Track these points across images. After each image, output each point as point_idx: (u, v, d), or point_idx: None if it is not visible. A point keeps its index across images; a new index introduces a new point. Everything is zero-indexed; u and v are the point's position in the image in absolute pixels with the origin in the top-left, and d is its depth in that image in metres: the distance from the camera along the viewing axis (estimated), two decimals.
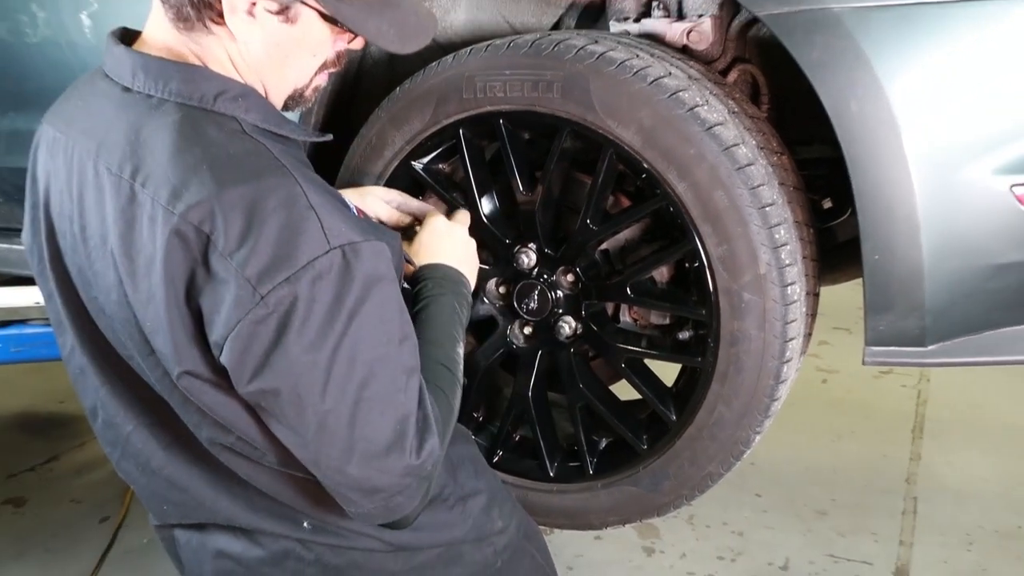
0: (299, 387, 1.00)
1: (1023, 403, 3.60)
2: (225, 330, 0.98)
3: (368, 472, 1.05)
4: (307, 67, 1.16)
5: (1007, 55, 1.30)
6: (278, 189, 1.00)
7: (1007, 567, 2.56)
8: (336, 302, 0.99)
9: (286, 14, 1.07)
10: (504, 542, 1.35)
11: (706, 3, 1.63)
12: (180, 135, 1.03)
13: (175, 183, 1.00)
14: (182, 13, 1.06)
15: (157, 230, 1.00)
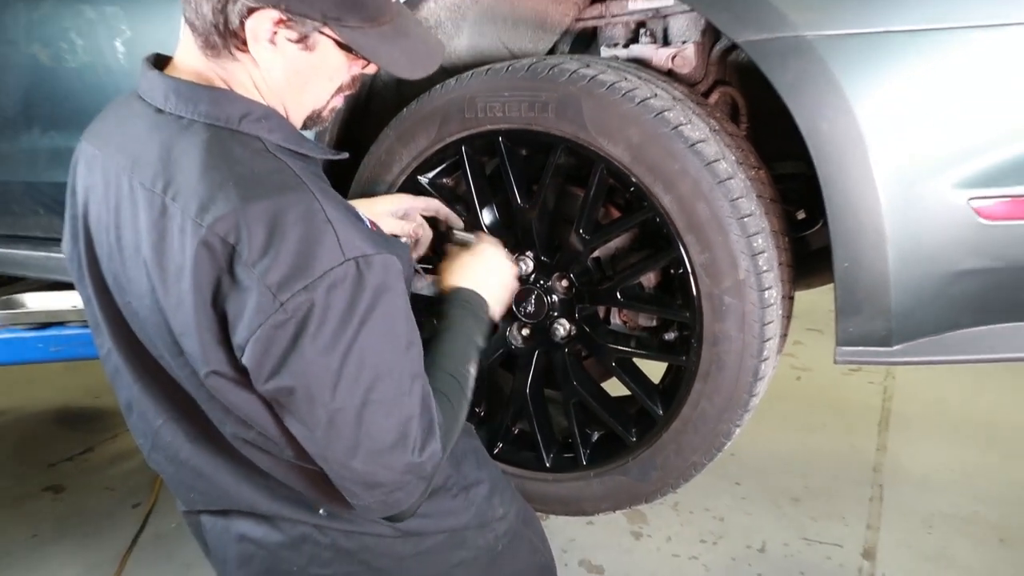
0: (312, 386, 1.00)
1: (981, 398, 3.60)
2: (247, 333, 0.99)
3: (371, 467, 1.05)
4: (324, 90, 1.15)
5: (964, 80, 1.30)
6: (298, 204, 1.00)
7: (965, 549, 2.56)
8: (349, 310, 0.99)
9: (305, 42, 1.07)
10: (504, 527, 1.34)
11: (689, 30, 1.63)
12: (208, 153, 1.03)
13: (203, 197, 1.00)
14: (210, 41, 1.06)
15: (187, 241, 1.00)
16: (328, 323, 0.98)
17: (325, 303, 0.98)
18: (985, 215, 1.31)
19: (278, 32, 1.05)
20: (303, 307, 0.97)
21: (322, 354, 0.99)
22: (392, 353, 1.05)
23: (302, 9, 1.03)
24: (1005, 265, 1.34)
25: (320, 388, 1.00)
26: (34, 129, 2.20)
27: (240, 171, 1.02)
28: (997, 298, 1.37)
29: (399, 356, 1.06)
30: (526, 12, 1.74)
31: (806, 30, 1.32)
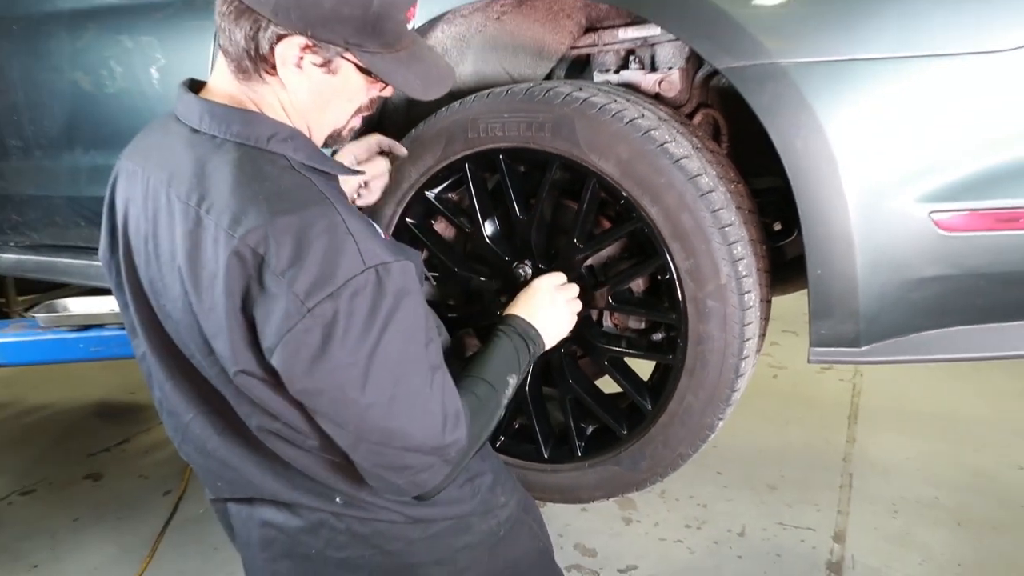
0: (343, 386, 1.00)
1: (941, 394, 3.60)
2: (276, 338, 0.98)
3: (399, 454, 1.07)
4: (344, 111, 1.16)
5: (924, 104, 1.30)
6: (322, 218, 1.01)
7: (926, 531, 2.56)
8: (371, 314, 0.99)
9: (328, 66, 1.08)
10: (506, 514, 1.34)
11: (675, 57, 1.63)
12: (239, 170, 1.04)
13: (235, 211, 1.00)
14: (242, 66, 1.07)
15: (220, 250, 1.00)
16: (353, 327, 0.98)
17: (349, 309, 0.98)
18: (944, 227, 1.31)
19: (304, 57, 1.06)
20: (328, 313, 0.97)
21: (349, 356, 0.99)
22: (414, 350, 1.05)
23: (326, 36, 1.04)
24: (961, 273, 1.34)
25: (349, 388, 1.00)
26: (76, 148, 2.21)
27: (269, 187, 1.03)
28: (954, 303, 1.37)
29: (420, 352, 1.06)
30: (525, 41, 1.74)
31: (780, 58, 1.32)
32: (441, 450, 1.09)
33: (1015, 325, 1.38)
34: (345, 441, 1.07)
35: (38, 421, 3.63)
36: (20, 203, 2.39)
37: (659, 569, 2.41)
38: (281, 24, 1.02)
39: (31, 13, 2.18)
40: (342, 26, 1.04)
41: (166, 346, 1.18)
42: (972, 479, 2.88)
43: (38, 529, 2.70)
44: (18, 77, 2.22)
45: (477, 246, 1.64)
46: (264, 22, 1.03)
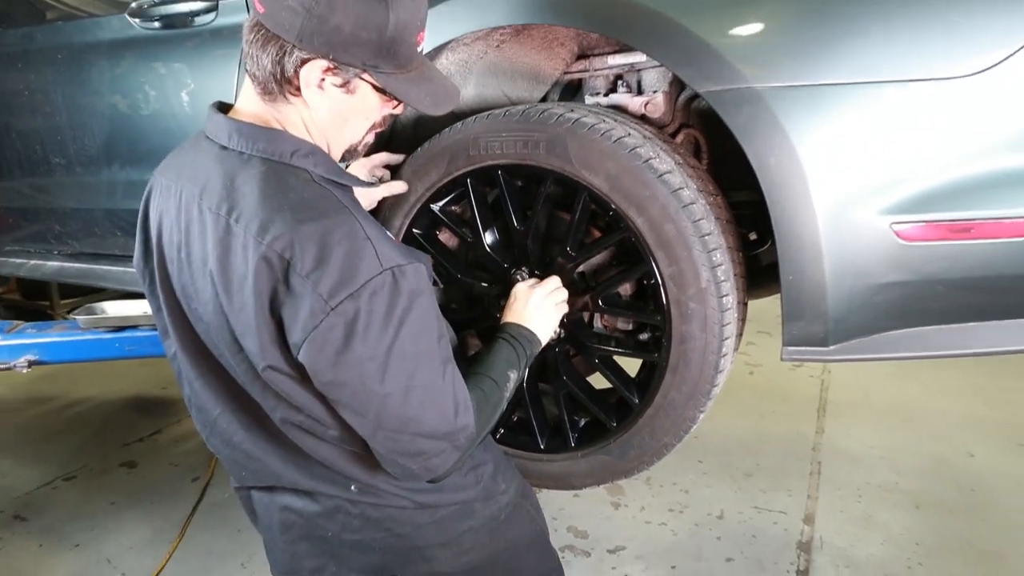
0: (364, 378, 1.00)
1: (902, 389, 3.60)
2: (303, 334, 0.99)
3: (414, 439, 1.06)
4: (361, 128, 1.16)
5: (886, 125, 1.29)
6: (342, 225, 1.01)
7: (887, 513, 2.55)
8: (389, 311, 1.00)
9: (347, 87, 1.08)
10: (507, 500, 1.33)
11: (659, 82, 1.63)
12: (266, 183, 1.04)
13: (263, 219, 1.00)
14: (267, 88, 1.08)
15: (249, 256, 1.00)
16: (373, 324, 0.99)
17: (369, 307, 0.98)
18: (904, 237, 1.31)
19: (326, 79, 1.06)
20: (350, 311, 0.97)
21: (369, 350, 0.99)
22: (427, 344, 1.05)
23: (346, 59, 1.04)
24: (920, 279, 1.33)
25: (369, 379, 1.01)
26: (114, 165, 2.20)
27: (293, 197, 1.03)
28: (914, 306, 1.36)
29: (433, 346, 1.06)
30: (523, 66, 1.74)
31: (756, 82, 1.31)
32: (452, 436, 1.09)
33: (969, 326, 1.38)
34: (365, 430, 1.07)
35: (79, 414, 3.62)
36: (63, 215, 2.39)
37: (645, 549, 2.40)
38: (305, 49, 1.03)
39: (73, 43, 2.18)
40: (360, 49, 1.04)
41: (196, 347, 1.18)
42: (930, 466, 2.87)
43: (79, 512, 2.70)
44: (62, 101, 2.22)
45: (478, 254, 1.63)
46: (289, 47, 1.03)
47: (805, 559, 2.32)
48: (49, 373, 3.94)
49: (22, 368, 2.28)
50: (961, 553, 2.33)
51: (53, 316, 3.40)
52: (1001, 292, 1.33)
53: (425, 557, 1.25)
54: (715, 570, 2.28)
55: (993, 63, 1.23)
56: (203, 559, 2.37)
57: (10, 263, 2.61)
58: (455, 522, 1.26)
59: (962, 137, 1.28)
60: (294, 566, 1.28)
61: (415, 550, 1.25)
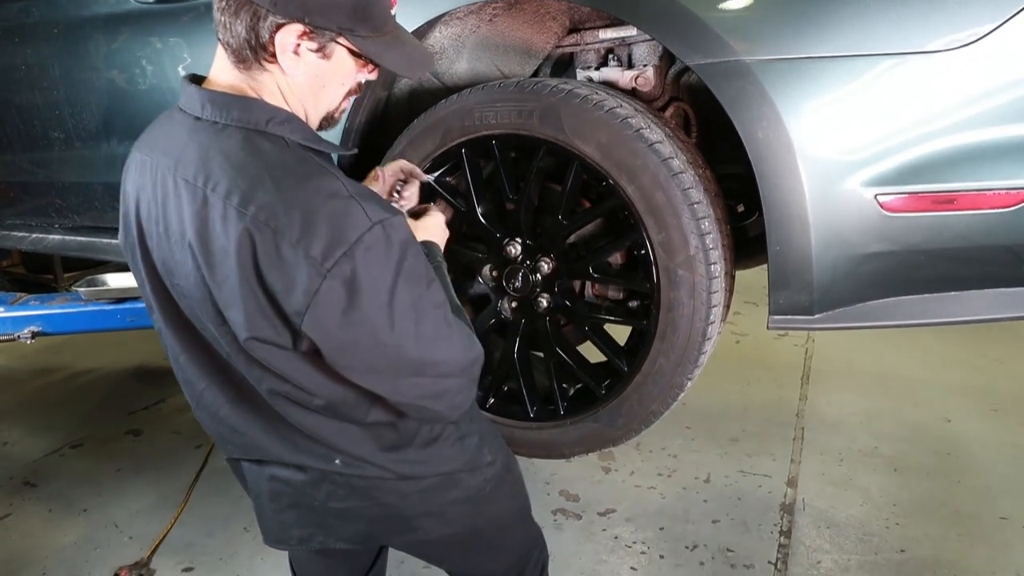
0: (374, 332, 0.98)
1: (883, 357, 3.61)
2: (305, 301, 0.96)
3: (437, 380, 1.06)
4: (337, 94, 1.12)
5: (871, 99, 1.28)
6: (325, 187, 0.98)
7: (867, 476, 2.58)
8: (385, 263, 0.97)
9: (323, 51, 1.04)
10: (493, 472, 1.30)
11: (650, 56, 1.61)
12: (242, 151, 1.00)
13: (244, 190, 0.97)
14: (242, 56, 1.03)
15: (230, 227, 0.97)
16: (372, 278, 0.96)
17: (365, 262, 0.96)
18: (888, 208, 1.30)
19: (301, 44, 1.02)
20: (347, 270, 0.94)
21: (374, 304, 0.97)
22: (424, 289, 1.03)
23: (321, 23, 1.01)
24: (902, 248, 1.33)
25: (380, 332, 0.98)
26: (112, 139, 2.17)
27: (272, 164, 0.99)
28: (897, 276, 1.36)
29: (427, 291, 1.04)
30: (515, 41, 1.71)
31: (745, 56, 1.30)
32: (469, 369, 1.08)
33: (950, 295, 1.38)
34: (385, 386, 1.05)
35: (85, 383, 3.61)
36: (63, 189, 2.36)
37: (635, 512, 2.42)
38: (279, 13, 0.99)
39: (70, 17, 2.14)
40: (335, 13, 1.01)
41: (180, 321, 1.14)
42: (908, 431, 2.90)
43: (86, 478, 2.70)
44: (59, 76, 2.18)
45: (472, 224, 1.62)
46: (263, 12, 0.99)
47: (788, 520, 2.35)
48: (54, 344, 3.93)
49: (26, 339, 2.27)
50: (936, 513, 2.36)
51: (57, 289, 3.38)
52: (982, 262, 1.33)
53: (411, 527, 1.24)
54: (702, 531, 2.31)
55: (978, 36, 1.22)
56: (207, 523, 2.37)
57: (12, 236, 2.59)
58: (440, 492, 1.24)
59: (946, 110, 1.27)
60: (283, 535, 1.26)
61: (401, 519, 1.23)
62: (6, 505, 2.55)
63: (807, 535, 2.27)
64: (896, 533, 2.27)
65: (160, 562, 2.21)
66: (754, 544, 2.23)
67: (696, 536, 2.29)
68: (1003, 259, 1.31)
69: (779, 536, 2.27)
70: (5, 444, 3.02)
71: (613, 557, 2.21)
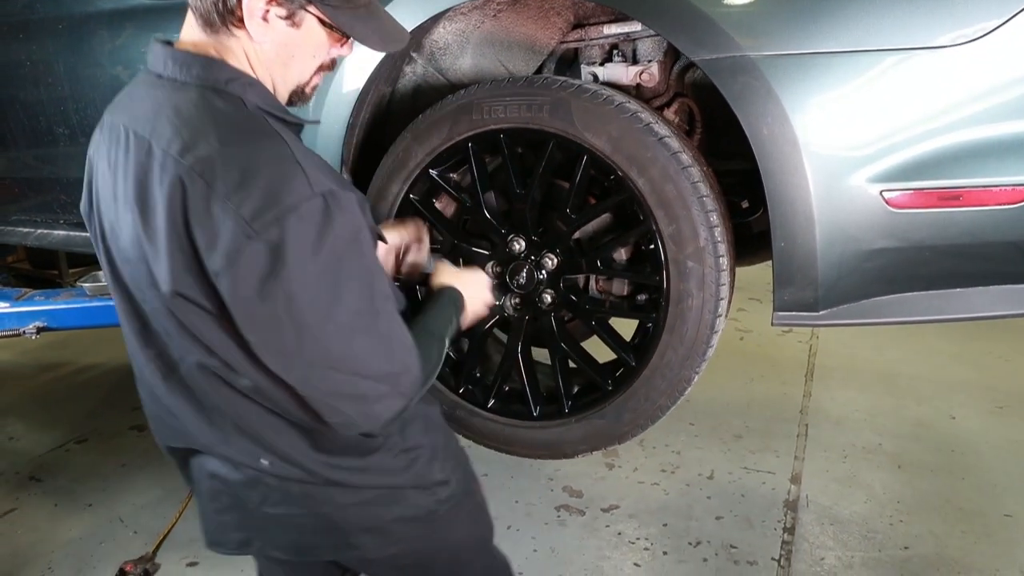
0: (292, 310, 0.91)
1: (886, 354, 3.61)
2: (223, 260, 0.90)
3: (352, 379, 0.96)
4: (307, 67, 1.08)
5: (877, 94, 1.28)
6: (270, 148, 0.95)
7: (871, 473, 2.58)
8: (319, 237, 0.91)
9: (292, 19, 1.01)
10: (446, 494, 1.19)
11: (654, 51, 1.60)
12: (194, 107, 0.97)
13: (185, 140, 0.93)
14: (209, 19, 1.00)
15: (167, 176, 0.93)
16: (301, 250, 0.90)
17: (297, 231, 0.89)
18: (893, 204, 1.30)
19: (270, 10, 0.99)
20: (275, 236, 0.89)
21: (298, 278, 0.90)
22: (361, 276, 0.97)
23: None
24: (908, 245, 1.32)
25: (299, 311, 0.91)
26: None
27: (221, 120, 0.96)
28: (902, 272, 1.36)
29: (368, 278, 0.98)
30: (519, 36, 1.71)
31: (750, 51, 1.29)
32: (393, 378, 0.99)
33: (955, 292, 1.37)
34: (295, 373, 0.96)
35: (90, 378, 3.62)
36: (67, 185, 2.36)
37: (638, 508, 2.42)
38: None
39: (74, 13, 2.14)
40: None
41: (124, 291, 1.08)
42: (912, 428, 2.89)
43: (91, 473, 2.71)
44: (64, 71, 2.18)
45: (476, 220, 1.62)
46: None
47: (792, 517, 2.34)
48: (59, 340, 3.94)
49: (31, 334, 2.28)
50: (940, 511, 2.36)
51: (62, 284, 3.38)
52: (987, 258, 1.33)
53: (349, 542, 1.15)
54: (705, 528, 2.31)
55: (985, 32, 1.21)
56: None
57: (17, 232, 2.59)
58: (381, 507, 1.14)
59: (952, 106, 1.26)
60: (220, 537, 1.18)
61: (338, 532, 1.14)
62: (12, 500, 2.56)
63: (811, 532, 2.27)
64: (900, 530, 2.27)
65: (165, 556, 2.21)
66: (757, 541, 2.23)
67: (699, 532, 2.29)
68: (1009, 256, 1.31)
69: (783, 533, 2.27)
70: (11, 439, 3.03)
71: (616, 553, 2.21)
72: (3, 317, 2.32)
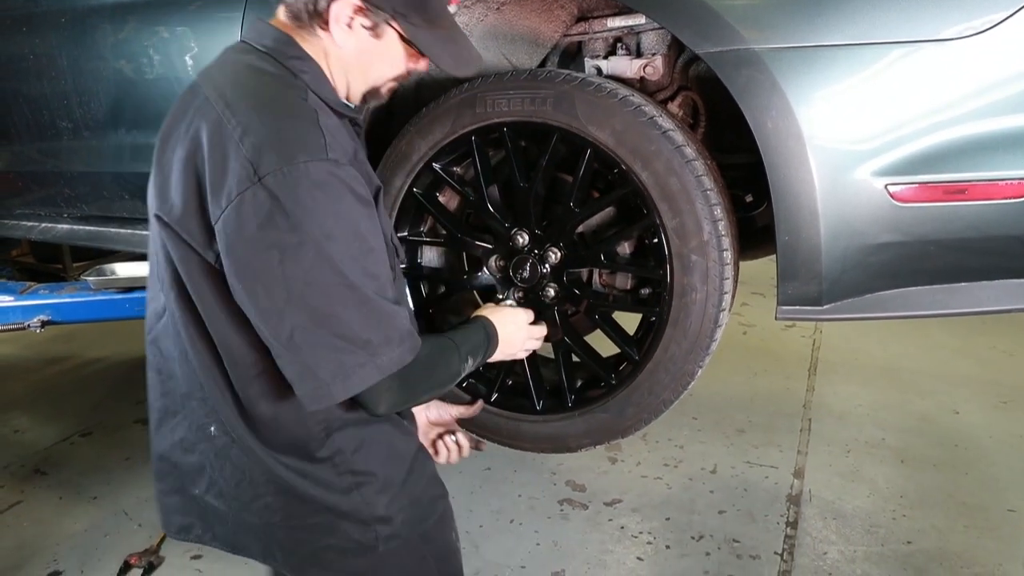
0: (284, 261, 0.93)
1: (890, 348, 3.60)
2: (226, 201, 0.94)
3: (332, 339, 0.96)
4: (383, 74, 1.13)
5: (882, 87, 1.27)
6: (302, 111, 1.00)
7: (874, 468, 2.58)
8: (321, 197, 0.94)
9: (375, 30, 1.07)
10: (388, 532, 1.12)
11: (658, 44, 1.60)
12: (248, 66, 1.05)
13: (226, 91, 1.01)
14: (299, 17, 1.07)
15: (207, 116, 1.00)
16: (300, 204, 0.92)
17: (302, 187, 0.92)
18: (898, 198, 1.29)
19: (355, 18, 1.05)
20: (278, 184, 0.92)
21: (294, 230, 0.92)
22: (356, 244, 0.97)
23: (377, 2, 1.04)
24: (912, 239, 1.31)
25: (289, 261, 0.93)
26: (120, 129, 2.17)
27: (266, 80, 1.03)
28: (906, 266, 1.35)
29: (363, 250, 0.98)
30: (522, 29, 1.70)
31: (755, 44, 1.28)
32: (372, 347, 0.97)
33: (959, 286, 1.37)
34: (280, 327, 0.95)
35: (94, 372, 3.63)
36: (71, 179, 2.36)
37: (641, 502, 2.42)
38: None
39: (77, 7, 2.13)
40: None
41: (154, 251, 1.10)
42: (915, 423, 2.89)
43: (96, 466, 2.72)
44: (67, 65, 2.18)
45: (479, 213, 1.62)
46: None
47: (794, 511, 2.34)
48: (64, 334, 3.95)
49: (36, 328, 2.28)
50: (943, 505, 2.36)
51: (66, 278, 3.39)
52: (992, 253, 1.32)
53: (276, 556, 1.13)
54: (708, 522, 2.31)
55: (992, 24, 1.20)
56: None
57: (21, 226, 2.59)
58: (317, 534, 1.11)
59: (958, 99, 1.25)
60: (166, 519, 1.19)
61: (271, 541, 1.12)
62: (17, 492, 2.58)
63: (813, 526, 2.27)
64: (903, 525, 2.27)
65: (169, 549, 2.22)
66: (760, 535, 2.23)
67: (702, 527, 2.29)
68: (1014, 250, 1.30)
69: (785, 527, 2.27)
70: (16, 432, 3.04)
71: (619, 547, 2.21)
72: (8, 311, 2.33)
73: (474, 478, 2.56)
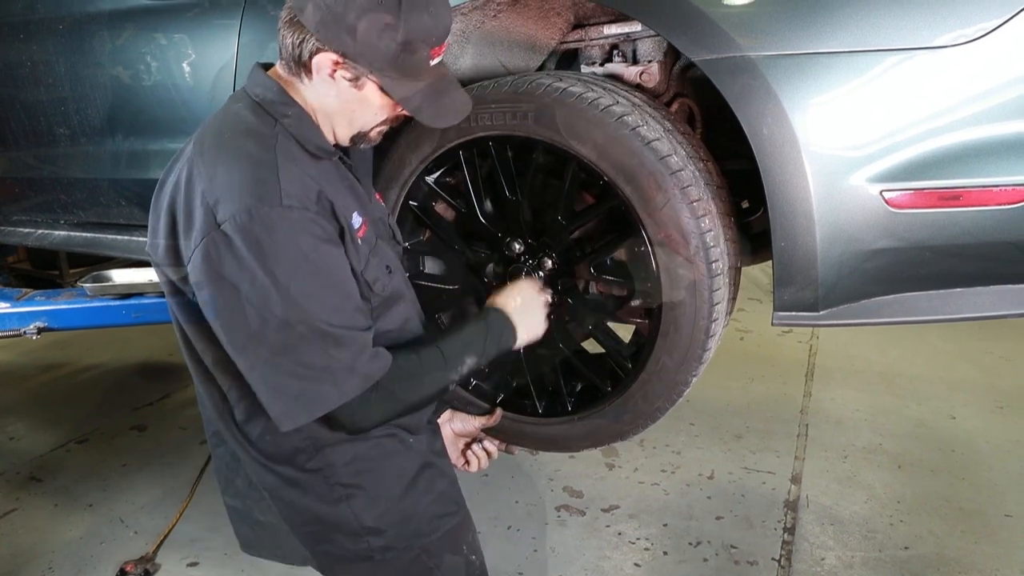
0: (243, 301, 1.00)
1: (887, 354, 3.61)
2: (192, 245, 1.02)
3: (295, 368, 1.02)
4: (369, 121, 1.16)
5: (876, 94, 1.27)
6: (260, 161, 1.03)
7: (871, 473, 2.58)
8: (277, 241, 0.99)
9: (356, 83, 1.10)
10: (381, 543, 1.18)
11: (654, 51, 1.60)
12: (233, 113, 1.12)
13: (204, 137, 1.10)
14: (288, 64, 1.12)
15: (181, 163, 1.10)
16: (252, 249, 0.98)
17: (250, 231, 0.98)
18: (893, 204, 1.29)
19: (336, 71, 1.08)
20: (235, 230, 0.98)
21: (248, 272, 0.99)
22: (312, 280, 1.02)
23: (356, 58, 1.06)
24: (907, 245, 1.31)
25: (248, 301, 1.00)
26: (117, 135, 2.17)
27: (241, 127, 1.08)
28: (902, 272, 1.35)
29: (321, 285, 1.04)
30: (519, 36, 1.71)
31: (750, 51, 1.29)
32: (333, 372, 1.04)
33: (955, 292, 1.37)
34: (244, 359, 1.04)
35: (90, 379, 3.62)
36: (68, 185, 2.36)
37: (638, 508, 2.42)
38: (320, 40, 1.06)
39: (75, 14, 2.14)
40: (371, 52, 1.06)
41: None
42: (912, 428, 2.89)
43: (92, 473, 2.71)
44: (64, 72, 2.18)
45: (473, 224, 1.62)
46: (308, 35, 1.06)
47: (792, 517, 2.34)
48: (60, 340, 3.95)
49: (32, 334, 2.28)
50: (941, 510, 2.36)
51: (62, 284, 3.38)
52: (988, 259, 1.32)
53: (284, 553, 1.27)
54: (705, 528, 2.31)
55: (985, 32, 1.21)
56: (212, 518, 2.38)
57: (18, 232, 2.59)
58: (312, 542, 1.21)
59: (953, 106, 1.25)
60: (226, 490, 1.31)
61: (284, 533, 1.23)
62: (12, 500, 2.57)
63: (811, 532, 2.27)
64: (900, 530, 2.27)
65: (165, 557, 2.22)
66: (758, 541, 2.23)
67: (700, 532, 2.29)
68: (1009, 256, 1.31)
69: (783, 533, 2.27)
70: (11, 439, 3.03)
71: (616, 553, 2.21)
72: (4, 317, 2.33)
73: (471, 485, 2.55)
